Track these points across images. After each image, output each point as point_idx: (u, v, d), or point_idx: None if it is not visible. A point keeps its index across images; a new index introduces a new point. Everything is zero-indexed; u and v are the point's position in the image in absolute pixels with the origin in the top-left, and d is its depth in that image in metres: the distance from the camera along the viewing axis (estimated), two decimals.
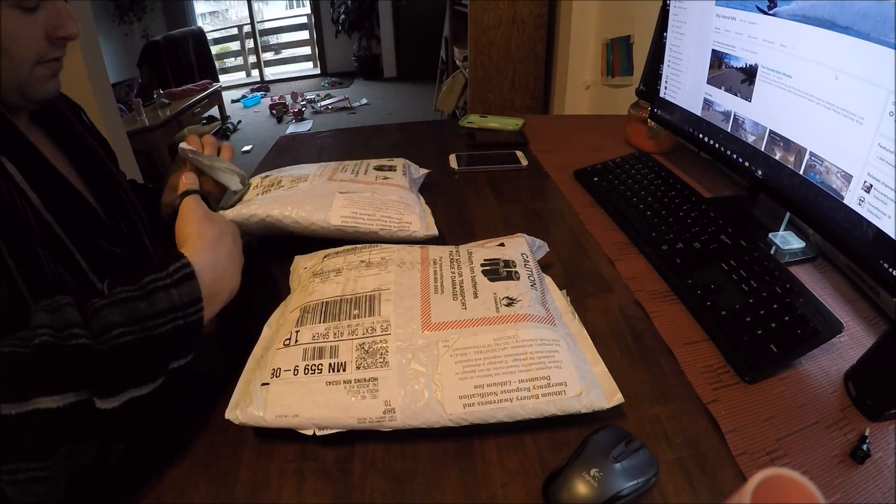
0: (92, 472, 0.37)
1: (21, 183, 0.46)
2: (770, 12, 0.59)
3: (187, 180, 0.55)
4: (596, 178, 0.84)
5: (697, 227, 0.66)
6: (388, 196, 0.68)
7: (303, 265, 0.56)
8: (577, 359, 0.45)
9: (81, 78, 1.77)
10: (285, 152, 1.07)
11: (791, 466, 0.40)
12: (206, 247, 0.45)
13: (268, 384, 0.43)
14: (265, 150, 1.09)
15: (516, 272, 0.52)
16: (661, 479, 0.39)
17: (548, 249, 0.62)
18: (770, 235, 0.68)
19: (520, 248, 0.56)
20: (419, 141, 1.09)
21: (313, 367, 0.43)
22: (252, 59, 5.80)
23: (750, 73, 0.64)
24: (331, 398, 0.41)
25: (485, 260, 0.53)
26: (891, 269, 0.47)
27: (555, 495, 0.37)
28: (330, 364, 0.43)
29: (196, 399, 0.47)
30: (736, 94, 0.67)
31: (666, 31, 0.82)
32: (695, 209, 0.69)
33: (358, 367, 0.42)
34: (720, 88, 0.71)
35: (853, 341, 0.52)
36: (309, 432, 0.41)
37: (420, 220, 0.66)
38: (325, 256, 0.56)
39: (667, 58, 0.83)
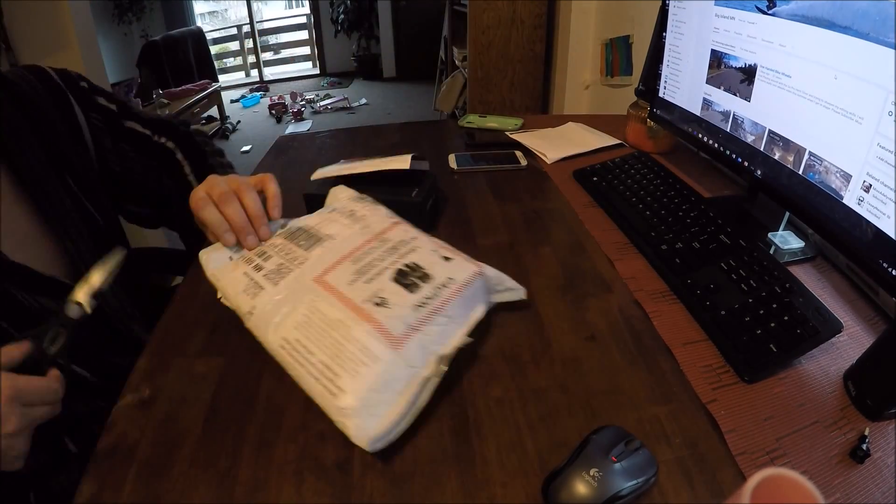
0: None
1: None
2: (769, 12, 0.59)
3: None
4: (595, 178, 0.84)
5: (697, 227, 0.66)
6: None
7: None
8: (380, 385, 0.41)
9: None
10: (284, 152, 1.07)
11: (790, 466, 0.40)
12: None
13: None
14: (264, 151, 1.09)
15: (420, 287, 0.48)
16: (661, 479, 0.39)
17: (523, 296, 0.56)
18: (769, 235, 0.68)
19: (462, 272, 0.51)
20: (418, 141, 1.09)
21: (248, 260, 0.54)
22: (251, 59, 5.80)
23: (749, 73, 0.64)
24: (238, 280, 0.52)
25: (412, 263, 0.51)
26: (890, 269, 0.47)
27: (554, 495, 0.37)
28: (256, 264, 0.53)
29: (195, 399, 0.47)
30: (735, 94, 0.67)
31: (665, 31, 0.82)
32: (694, 209, 0.69)
33: (265, 275, 0.51)
34: (719, 88, 0.71)
35: (853, 341, 0.52)
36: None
37: None
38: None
39: (666, 58, 0.83)
